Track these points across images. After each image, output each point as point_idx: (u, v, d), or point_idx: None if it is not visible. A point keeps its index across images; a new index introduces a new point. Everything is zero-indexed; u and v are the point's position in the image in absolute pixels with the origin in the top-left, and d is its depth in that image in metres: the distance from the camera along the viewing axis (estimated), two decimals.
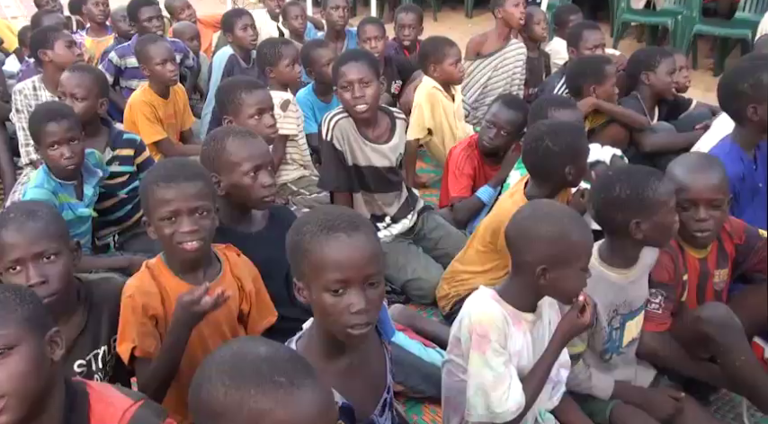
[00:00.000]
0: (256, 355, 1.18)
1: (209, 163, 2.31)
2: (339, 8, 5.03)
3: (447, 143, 3.99)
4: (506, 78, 4.71)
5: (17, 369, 1.38)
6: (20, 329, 1.41)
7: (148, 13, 4.75)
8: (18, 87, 3.91)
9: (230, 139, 2.31)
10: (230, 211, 2.31)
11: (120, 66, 4.56)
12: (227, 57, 4.64)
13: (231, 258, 2.13)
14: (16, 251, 1.83)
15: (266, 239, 2.28)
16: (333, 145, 3.10)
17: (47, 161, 2.90)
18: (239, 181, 2.27)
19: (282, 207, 2.66)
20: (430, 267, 3.18)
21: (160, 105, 3.96)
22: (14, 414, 1.37)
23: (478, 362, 1.88)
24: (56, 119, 2.83)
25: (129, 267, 2.83)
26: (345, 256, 1.48)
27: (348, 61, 3.06)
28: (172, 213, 1.92)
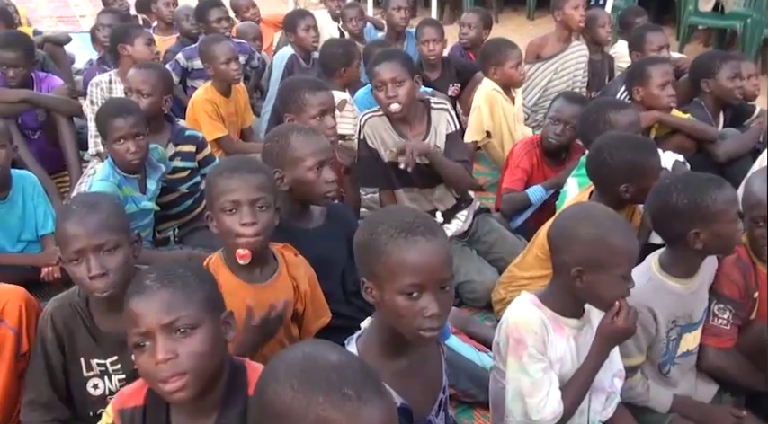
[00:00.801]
0: (327, 362, 1.18)
1: (272, 158, 2.35)
2: (401, 9, 5.04)
3: (506, 146, 3.95)
4: (567, 81, 4.64)
5: (198, 348, 1.44)
6: (201, 310, 1.47)
7: (217, 15, 4.84)
8: (95, 80, 4.04)
9: (295, 135, 2.36)
10: (290, 207, 2.34)
11: (186, 68, 4.66)
12: (288, 56, 4.70)
13: (288, 257, 2.15)
14: (78, 243, 1.87)
15: (324, 236, 2.30)
16: (365, 142, 3.13)
17: (113, 155, 2.98)
18: (303, 176, 2.31)
19: (340, 205, 2.67)
20: (484, 270, 3.15)
21: (222, 103, 4.03)
22: (191, 391, 1.44)
23: (515, 367, 1.86)
24: (122, 114, 2.92)
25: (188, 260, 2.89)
26: (425, 261, 1.49)
27: (381, 61, 3.06)
28: (233, 203, 1.96)
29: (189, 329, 1.45)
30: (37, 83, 4.12)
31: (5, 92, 3.96)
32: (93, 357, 2.00)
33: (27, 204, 3.21)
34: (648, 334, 2.16)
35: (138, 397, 1.58)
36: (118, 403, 1.60)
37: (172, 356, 1.42)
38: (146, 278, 1.50)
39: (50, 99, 4.06)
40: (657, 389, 2.23)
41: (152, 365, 1.44)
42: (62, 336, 1.98)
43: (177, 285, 1.48)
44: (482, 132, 3.99)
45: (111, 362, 2.01)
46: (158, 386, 1.45)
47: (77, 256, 1.88)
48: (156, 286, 1.47)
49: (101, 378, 2.02)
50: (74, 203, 2.01)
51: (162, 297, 1.46)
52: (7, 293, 2.10)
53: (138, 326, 1.45)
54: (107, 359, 2.00)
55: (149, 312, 1.45)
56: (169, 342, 1.43)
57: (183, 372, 1.43)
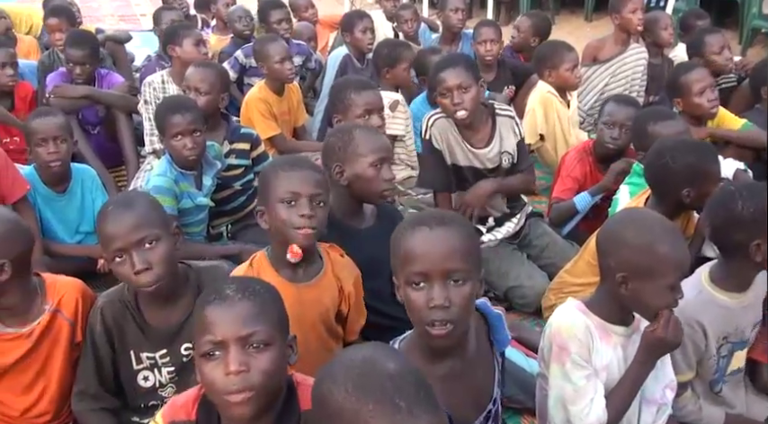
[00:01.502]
0: (385, 370, 1.20)
1: (333, 153, 2.38)
2: (458, 11, 5.02)
3: (559, 149, 3.90)
4: (625, 84, 4.55)
5: (268, 366, 1.41)
6: (275, 328, 1.45)
7: (278, 16, 4.90)
8: (148, 80, 4.12)
9: (358, 131, 2.39)
10: (344, 205, 2.36)
11: (244, 65, 4.73)
12: (342, 57, 4.72)
13: (334, 257, 2.15)
14: (118, 241, 1.90)
15: (374, 236, 2.30)
16: (431, 143, 3.11)
17: (170, 151, 3.04)
18: (363, 172, 2.33)
19: (391, 206, 2.68)
20: (534, 274, 3.11)
21: (275, 102, 4.07)
22: (254, 408, 1.40)
23: (558, 374, 1.82)
24: (180, 111, 2.98)
25: (239, 255, 2.93)
26: (425, 248, 1.50)
27: (446, 67, 3.03)
28: (293, 194, 1.96)
29: (262, 345, 1.42)
30: (98, 80, 4.24)
31: (67, 89, 4.09)
32: (143, 351, 2.05)
33: (85, 197, 3.30)
34: (697, 349, 2.10)
35: (188, 410, 1.55)
36: (169, 415, 1.57)
37: (244, 369, 1.39)
38: (225, 287, 1.47)
39: (110, 95, 4.17)
40: (710, 408, 2.17)
41: (221, 375, 1.39)
42: (111, 330, 2.03)
43: (257, 299, 1.45)
44: (535, 135, 3.95)
45: (160, 355, 2.05)
46: (222, 398, 1.41)
47: (120, 254, 1.91)
48: (237, 296, 1.44)
49: (150, 371, 2.07)
50: (110, 204, 2.04)
51: (242, 309, 1.42)
52: (66, 285, 2.15)
53: (213, 334, 1.41)
54: (156, 353, 2.04)
55: (227, 322, 1.41)
56: (243, 355, 1.39)
57: (251, 387, 1.39)
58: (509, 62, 4.74)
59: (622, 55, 4.58)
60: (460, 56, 3.44)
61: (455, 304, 1.49)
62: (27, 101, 4.13)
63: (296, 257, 1.98)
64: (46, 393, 2.14)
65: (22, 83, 4.16)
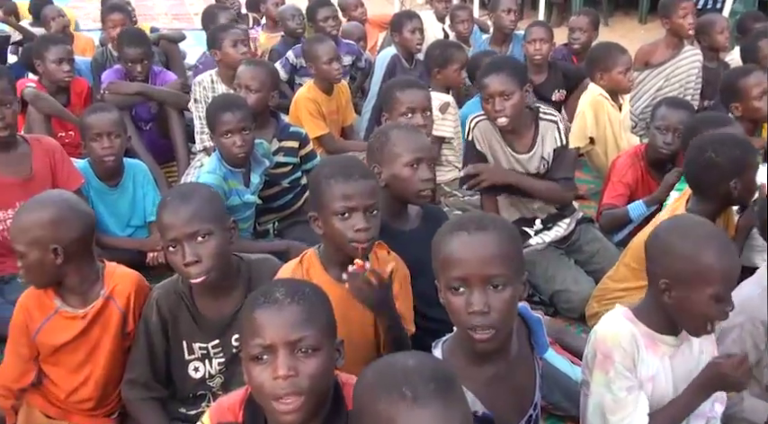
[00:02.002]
0: (402, 364, 1.25)
1: (373, 153, 2.39)
2: (510, 12, 4.98)
3: (610, 153, 3.83)
4: (679, 88, 4.45)
5: (317, 371, 1.41)
6: (324, 333, 1.45)
7: (325, 14, 4.94)
8: (198, 79, 4.19)
9: (395, 131, 2.39)
10: (388, 206, 2.34)
11: (295, 65, 4.77)
12: (390, 57, 4.72)
13: (380, 255, 2.15)
14: (172, 232, 1.96)
15: (419, 238, 2.27)
16: (473, 145, 3.09)
17: (220, 148, 3.09)
18: (399, 172, 2.32)
19: (436, 208, 2.66)
20: (580, 279, 3.07)
21: (323, 101, 4.10)
22: (303, 413, 1.40)
23: (600, 382, 1.79)
24: (231, 109, 3.02)
25: (287, 251, 2.96)
26: (463, 253, 1.49)
27: (489, 73, 2.98)
28: (348, 209, 1.94)
29: (311, 350, 1.41)
30: (152, 77, 4.32)
31: (122, 85, 4.18)
32: (195, 341, 2.08)
33: (137, 191, 3.38)
34: (758, 351, 2.04)
35: (235, 412, 1.55)
36: (216, 416, 1.57)
37: (293, 373, 1.38)
38: (275, 290, 1.46)
39: (163, 92, 4.25)
40: (752, 400, 2.10)
41: (269, 379, 1.39)
42: (166, 320, 2.08)
43: (306, 303, 1.44)
44: (585, 138, 3.89)
45: (212, 346, 2.08)
46: (270, 403, 1.40)
47: (174, 244, 1.97)
48: (287, 300, 1.43)
49: (201, 361, 2.10)
50: (170, 194, 2.11)
51: (292, 313, 1.42)
52: (122, 276, 2.21)
53: (262, 338, 1.40)
54: (209, 343, 2.08)
55: (276, 326, 1.40)
56: (291, 359, 1.39)
57: (300, 392, 1.39)
58: (561, 64, 4.67)
59: (675, 58, 4.48)
60: (506, 61, 3.37)
61: (495, 309, 1.48)
62: (82, 96, 4.23)
63: (361, 270, 1.94)
64: (91, 378, 2.19)
65: (77, 79, 4.26)
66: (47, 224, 2.05)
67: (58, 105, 3.97)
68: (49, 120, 3.93)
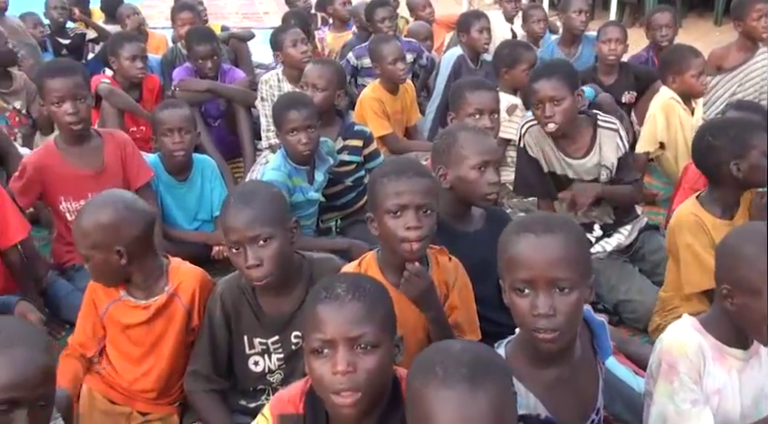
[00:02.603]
0: (446, 347, 1.33)
1: (439, 155, 2.38)
2: (581, 12, 4.88)
3: (681, 159, 3.71)
4: (753, 92, 4.29)
5: (375, 367, 1.43)
6: (383, 329, 1.47)
7: (382, 14, 4.95)
8: (264, 78, 4.27)
9: (463, 133, 2.37)
10: (451, 208, 2.34)
11: (356, 66, 4.80)
12: (456, 57, 4.70)
13: (441, 261, 2.13)
14: (234, 235, 1.98)
15: (482, 240, 2.27)
16: (525, 151, 3.04)
17: (285, 145, 3.12)
18: (466, 174, 2.30)
19: (500, 210, 2.64)
20: (645, 289, 2.97)
21: (388, 101, 4.11)
22: (360, 408, 1.43)
23: (664, 391, 1.73)
24: (297, 107, 3.06)
25: (348, 250, 2.98)
26: (530, 255, 1.48)
27: (540, 78, 2.93)
28: (399, 206, 1.93)
29: (370, 346, 1.43)
30: (221, 74, 4.41)
31: (192, 82, 4.28)
32: (256, 336, 2.11)
33: (205, 186, 3.45)
34: None
35: (296, 404, 1.58)
36: (277, 408, 1.60)
37: (351, 369, 1.41)
38: (337, 285, 1.48)
39: (231, 90, 4.33)
40: None
41: (328, 373, 1.42)
42: (230, 315, 2.11)
43: (367, 300, 1.46)
44: (655, 143, 3.78)
45: (272, 342, 2.11)
46: (329, 397, 1.43)
47: (236, 246, 1.99)
48: (348, 297, 1.45)
49: (261, 356, 2.13)
50: (233, 195, 2.13)
51: (352, 310, 1.44)
52: (187, 273, 2.25)
53: (323, 332, 1.43)
54: (269, 339, 2.11)
55: (336, 321, 1.43)
56: (350, 355, 1.41)
57: (357, 387, 1.41)
58: (632, 66, 4.56)
59: (749, 62, 4.33)
60: (557, 65, 3.28)
61: (560, 312, 1.47)
62: (154, 92, 4.34)
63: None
64: (153, 370, 2.24)
65: (150, 75, 4.38)
66: (107, 227, 2.09)
67: (130, 101, 4.08)
68: (122, 115, 4.05)
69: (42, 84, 3.00)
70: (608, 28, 4.42)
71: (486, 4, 9.98)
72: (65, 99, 2.94)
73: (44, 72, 3.06)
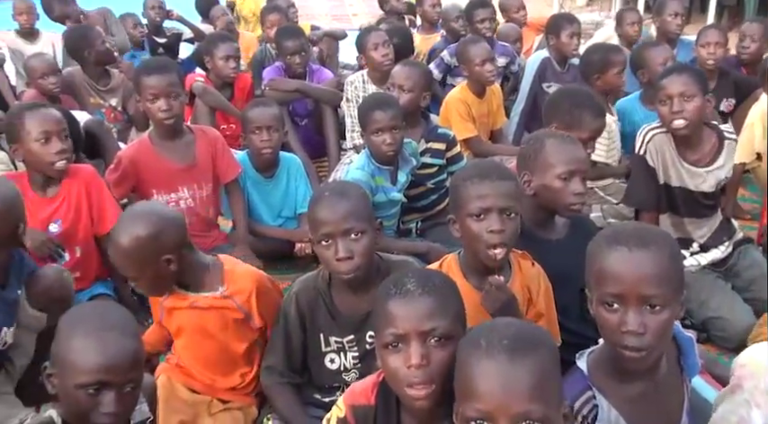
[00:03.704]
0: (495, 322, 1.42)
1: (524, 161, 2.35)
2: (677, 15, 4.72)
3: None
4: None
5: (448, 360, 1.43)
6: (455, 322, 1.49)
7: (482, 15, 4.91)
8: (350, 79, 4.31)
9: (550, 141, 2.32)
10: (535, 215, 2.30)
11: (449, 64, 4.79)
12: (541, 59, 4.62)
13: (524, 266, 2.10)
14: (327, 227, 2.00)
15: (566, 248, 2.23)
16: (645, 159, 2.93)
17: (370, 146, 3.15)
18: (551, 183, 2.26)
19: (585, 218, 2.57)
20: (736, 307, 2.84)
21: (474, 103, 4.08)
22: (434, 400, 1.45)
23: (724, 400, 1.68)
24: (382, 108, 3.08)
25: (427, 253, 2.97)
26: (621, 270, 1.44)
27: (670, 74, 2.86)
28: (482, 209, 1.92)
29: (444, 339, 1.45)
30: (310, 74, 4.49)
31: (282, 82, 4.37)
32: (332, 335, 2.14)
33: (290, 184, 3.53)
34: None
35: (368, 396, 1.62)
36: (349, 399, 1.64)
37: (425, 362, 1.43)
38: (407, 280, 1.50)
39: (319, 90, 4.40)
40: None
41: (402, 367, 1.44)
42: (304, 314, 2.14)
43: (437, 294, 1.48)
44: (752, 154, 3.61)
45: (347, 341, 2.13)
46: (403, 390, 1.46)
47: (326, 239, 2.01)
48: (418, 291, 1.47)
49: (337, 354, 2.15)
50: (326, 189, 2.15)
51: (423, 303, 1.46)
52: (243, 276, 2.22)
53: (396, 327, 1.45)
54: (344, 338, 2.13)
55: (409, 317, 1.45)
56: (424, 348, 1.44)
57: (431, 380, 1.43)
58: (733, 73, 4.36)
59: None
60: (689, 65, 3.21)
61: (650, 331, 1.43)
62: (245, 91, 4.45)
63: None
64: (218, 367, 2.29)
65: (241, 74, 4.50)
66: (149, 238, 2.04)
67: (222, 99, 4.21)
68: (214, 113, 4.18)
69: (139, 81, 3.14)
70: (708, 31, 4.24)
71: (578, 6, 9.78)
72: (159, 96, 3.06)
73: (141, 70, 3.20)
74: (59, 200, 2.84)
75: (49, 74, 4.08)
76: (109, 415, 1.50)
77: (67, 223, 2.85)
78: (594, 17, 8.48)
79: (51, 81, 4.08)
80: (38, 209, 2.80)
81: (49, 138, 2.74)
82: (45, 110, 2.83)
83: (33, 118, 2.75)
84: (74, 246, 2.89)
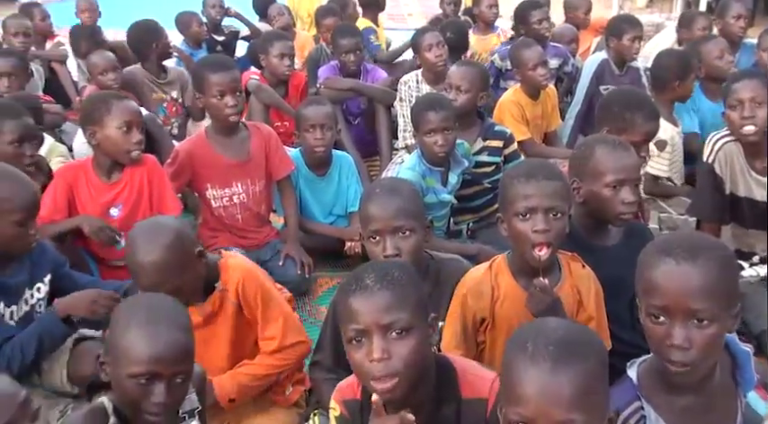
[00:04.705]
0: (543, 324, 1.33)
1: (574, 167, 2.30)
2: (740, 18, 4.58)
3: None
4: None
5: (411, 351, 1.45)
6: (415, 313, 1.48)
7: (538, 16, 4.85)
8: (404, 79, 4.32)
9: (601, 147, 2.25)
10: (586, 221, 2.27)
11: (501, 68, 4.75)
12: (599, 61, 4.54)
13: (574, 268, 2.08)
14: (377, 223, 2.02)
15: (618, 256, 2.18)
16: (713, 169, 2.86)
17: (422, 146, 3.14)
18: (599, 191, 2.21)
19: (641, 225, 2.52)
20: None
21: (528, 106, 4.04)
22: (401, 392, 1.46)
23: None
24: (435, 108, 3.07)
25: (477, 255, 2.95)
26: (667, 282, 1.41)
27: (740, 79, 2.80)
28: (528, 209, 1.92)
29: (404, 331, 1.46)
30: (364, 73, 4.51)
31: (336, 81, 4.41)
32: None
33: (342, 182, 3.55)
34: None
35: (354, 390, 1.65)
36: (339, 396, 1.68)
37: (386, 356, 1.44)
38: (365, 276, 1.50)
39: (373, 89, 4.41)
40: None
41: (366, 362, 1.46)
42: None
43: (396, 287, 1.48)
44: None
45: None
46: (370, 383, 1.48)
47: (375, 235, 2.03)
48: (377, 286, 1.47)
49: None
50: (378, 186, 2.18)
51: (382, 298, 1.46)
52: (234, 267, 2.23)
53: (356, 323, 1.47)
54: None
55: (368, 311, 1.46)
56: (384, 342, 1.45)
57: (395, 373, 1.44)
58: None
59: None
60: (759, 71, 3.14)
61: (696, 346, 1.39)
62: (299, 89, 4.50)
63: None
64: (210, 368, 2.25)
65: (296, 72, 4.55)
66: (177, 242, 2.02)
67: (277, 97, 4.26)
68: (268, 110, 4.24)
69: (204, 77, 3.19)
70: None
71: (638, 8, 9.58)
72: (226, 92, 3.13)
73: (205, 67, 3.27)
74: (122, 185, 2.95)
75: (109, 70, 4.21)
76: (158, 405, 1.54)
77: (128, 207, 2.94)
78: (654, 19, 8.29)
79: (111, 77, 4.19)
80: (100, 194, 2.91)
81: (130, 128, 2.88)
82: (129, 102, 3.00)
83: (119, 106, 2.89)
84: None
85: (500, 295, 2.01)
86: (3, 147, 2.75)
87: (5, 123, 2.76)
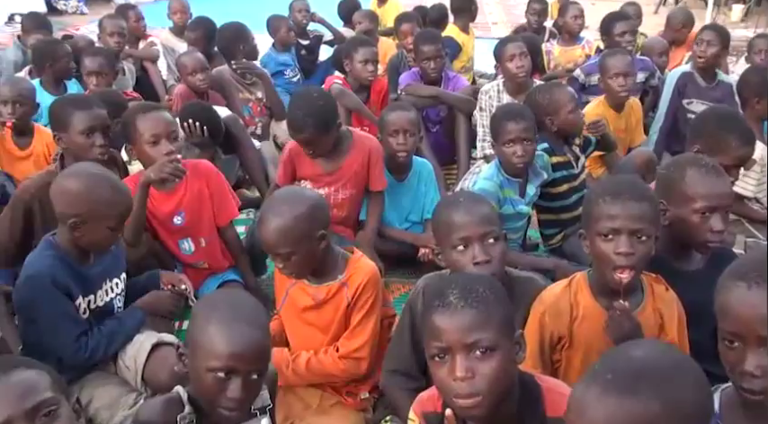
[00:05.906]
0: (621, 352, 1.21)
1: (662, 188, 2.22)
2: None
3: None
4: None
5: (494, 370, 1.44)
6: (500, 332, 1.47)
7: (622, 28, 4.76)
8: (485, 88, 4.31)
9: (692, 170, 2.15)
10: (670, 243, 2.19)
11: (584, 83, 4.68)
12: (681, 74, 4.41)
13: (657, 290, 2.02)
14: (465, 231, 2.01)
15: (702, 281, 2.07)
16: None
17: (500, 156, 3.12)
18: (687, 217, 2.13)
19: (727, 250, 2.42)
20: None
21: (611, 118, 3.96)
22: (484, 410, 1.45)
23: None
24: (515, 119, 3.05)
25: (553, 270, 2.91)
26: (738, 307, 1.37)
27: None
28: (612, 230, 1.87)
29: (488, 350, 1.44)
30: (446, 81, 4.51)
31: (419, 88, 4.42)
32: None
33: (420, 188, 3.56)
34: None
35: (435, 403, 1.63)
36: (419, 407, 1.67)
37: (470, 375, 1.42)
38: (449, 292, 1.49)
39: (455, 97, 4.41)
40: None
41: (449, 379, 1.44)
42: None
43: (481, 305, 1.46)
44: None
45: None
46: (452, 401, 1.46)
47: (462, 243, 2.02)
48: (461, 304, 1.46)
49: None
50: (460, 196, 2.20)
51: (466, 317, 1.44)
52: (361, 267, 2.34)
53: (440, 340, 1.46)
54: None
55: (452, 329, 1.44)
56: (467, 361, 1.43)
57: (477, 392, 1.42)
58: None
59: None
60: None
61: None
62: (380, 95, 4.54)
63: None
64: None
65: (378, 78, 4.58)
66: (307, 214, 2.18)
67: (358, 102, 4.31)
68: (350, 115, 4.29)
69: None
70: None
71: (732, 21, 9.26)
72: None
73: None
74: (180, 194, 2.99)
75: (198, 71, 4.34)
76: (233, 400, 1.58)
77: (190, 214, 3.01)
78: (748, 34, 7.99)
79: (200, 77, 4.33)
80: (160, 204, 2.98)
81: (157, 141, 2.83)
82: (155, 113, 2.89)
83: (144, 121, 2.85)
84: (198, 237, 3.07)
85: (579, 314, 1.98)
86: (74, 137, 2.84)
87: (76, 114, 2.84)
